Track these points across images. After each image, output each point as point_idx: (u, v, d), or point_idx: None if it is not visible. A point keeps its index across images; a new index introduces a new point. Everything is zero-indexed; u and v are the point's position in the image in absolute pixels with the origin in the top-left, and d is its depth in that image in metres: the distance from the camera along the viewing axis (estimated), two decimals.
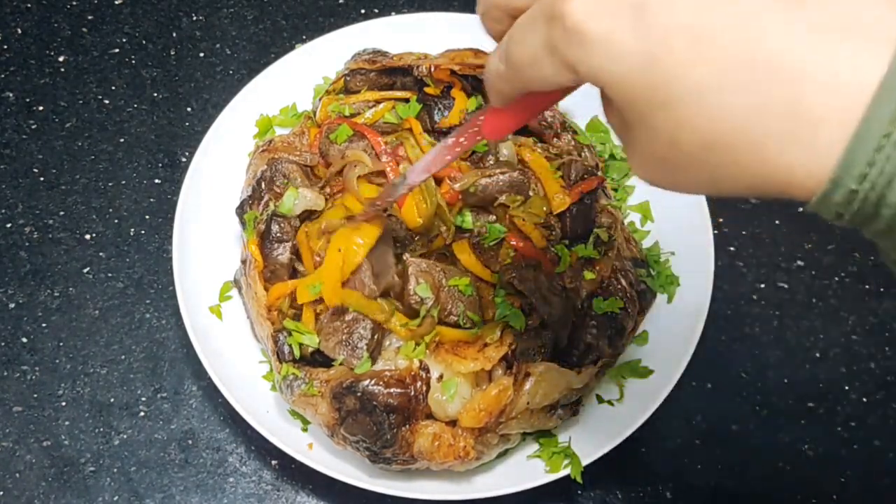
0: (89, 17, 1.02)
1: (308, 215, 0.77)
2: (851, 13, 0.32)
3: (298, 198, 0.77)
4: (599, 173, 0.81)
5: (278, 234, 0.75)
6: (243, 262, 0.78)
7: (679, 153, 0.35)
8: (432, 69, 0.82)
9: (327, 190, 0.79)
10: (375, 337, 0.71)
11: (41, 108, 0.96)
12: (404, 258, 0.73)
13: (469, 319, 0.71)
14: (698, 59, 0.32)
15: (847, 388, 0.81)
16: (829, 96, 0.31)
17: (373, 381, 0.67)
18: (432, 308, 0.70)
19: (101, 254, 0.87)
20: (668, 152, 0.35)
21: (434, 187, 0.75)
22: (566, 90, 0.44)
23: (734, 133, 0.33)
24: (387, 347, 0.72)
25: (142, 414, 0.79)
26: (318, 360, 0.72)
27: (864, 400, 0.80)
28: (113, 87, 0.97)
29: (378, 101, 0.84)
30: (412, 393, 0.68)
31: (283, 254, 0.75)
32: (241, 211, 0.80)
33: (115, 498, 0.75)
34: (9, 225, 0.89)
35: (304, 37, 0.99)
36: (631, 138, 0.38)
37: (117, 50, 1.00)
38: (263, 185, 0.79)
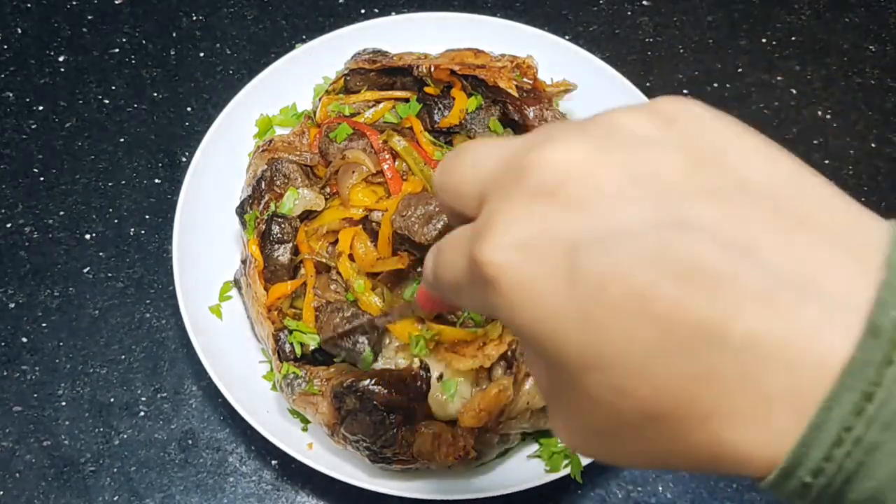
0: (89, 17, 1.02)
1: (307, 215, 0.77)
2: (816, 272, 0.27)
3: (298, 198, 0.77)
4: None
5: (279, 235, 0.75)
6: (243, 261, 0.78)
7: (617, 424, 0.30)
8: (432, 69, 0.82)
9: (327, 190, 0.79)
10: (377, 331, 0.71)
11: (41, 108, 0.96)
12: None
13: (471, 320, 0.71)
14: (641, 318, 0.27)
15: None
16: (784, 373, 0.26)
17: (373, 381, 0.67)
18: None
19: (101, 254, 0.87)
20: (604, 423, 0.30)
21: (432, 175, 0.76)
22: None
23: (679, 405, 0.28)
24: (387, 346, 0.72)
25: (142, 414, 0.79)
26: (318, 358, 0.72)
27: None
28: (113, 87, 0.97)
29: (378, 101, 0.84)
30: (412, 393, 0.67)
31: (283, 254, 0.75)
32: (241, 211, 0.80)
33: (115, 498, 0.75)
34: (9, 225, 0.89)
35: (304, 37, 0.99)
36: (559, 404, 0.32)
37: (117, 50, 1.00)
38: (263, 185, 0.79)
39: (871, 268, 0.27)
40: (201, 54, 1.00)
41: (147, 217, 0.89)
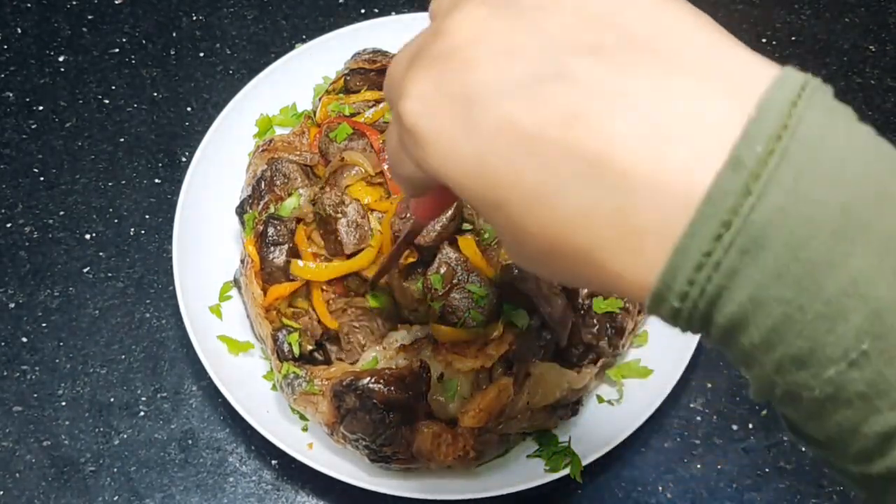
0: (89, 17, 1.02)
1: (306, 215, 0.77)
2: (690, 115, 0.28)
3: (297, 206, 0.77)
4: None
5: (274, 237, 0.75)
6: (242, 261, 0.78)
7: (524, 251, 0.33)
8: None
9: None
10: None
11: (41, 108, 0.96)
12: (441, 246, 0.73)
13: (472, 320, 0.71)
14: (528, 160, 0.30)
15: None
16: (655, 208, 0.28)
17: (372, 379, 0.67)
18: (436, 301, 0.71)
19: (101, 254, 0.87)
20: (515, 249, 0.34)
21: None
22: None
23: (565, 240, 0.30)
24: (388, 346, 0.72)
25: (142, 414, 0.79)
26: (318, 358, 0.72)
27: None
28: (113, 87, 0.97)
29: (378, 101, 0.84)
30: (412, 391, 0.67)
31: (279, 256, 0.75)
32: (240, 211, 0.80)
33: (115, 498, 0.75)
34: (9, 225, 0.89)
35: (304, 37, 0.99)
36: (498, 234, 0.36)
37: (117, 50, 1.00)
38: (263, 185, 0.79)
39: (746, 108, 0.28)
40: (201, 54, 1.00)
41: (147, 217, 0.89)
